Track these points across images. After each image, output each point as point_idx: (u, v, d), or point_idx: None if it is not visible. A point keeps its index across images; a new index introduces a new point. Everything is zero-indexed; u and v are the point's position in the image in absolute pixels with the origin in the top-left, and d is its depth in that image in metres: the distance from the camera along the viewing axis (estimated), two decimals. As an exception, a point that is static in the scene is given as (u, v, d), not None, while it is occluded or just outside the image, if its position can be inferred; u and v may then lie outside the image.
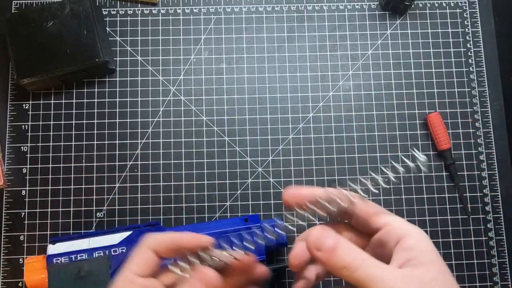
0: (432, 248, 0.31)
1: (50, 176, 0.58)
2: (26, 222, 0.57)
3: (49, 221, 0.57)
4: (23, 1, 0.62)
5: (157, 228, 0.52)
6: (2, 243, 0.57)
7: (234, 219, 0.53)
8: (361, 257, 0.30)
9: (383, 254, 0.32)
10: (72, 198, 0.58)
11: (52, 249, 0.50)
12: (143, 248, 0.35)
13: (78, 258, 0.49)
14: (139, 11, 0.62)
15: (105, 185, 0.58)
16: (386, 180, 0.34)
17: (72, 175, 0.58)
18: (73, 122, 0.59)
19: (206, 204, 0.58)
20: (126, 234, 0.51)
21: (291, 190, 0.35)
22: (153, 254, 0.35)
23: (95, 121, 0.60)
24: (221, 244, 0.51)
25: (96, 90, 0.60)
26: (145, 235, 0.36)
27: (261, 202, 0.58)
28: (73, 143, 0.59)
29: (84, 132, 0.59)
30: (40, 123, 0.59)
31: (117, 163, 0.59)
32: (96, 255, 0.50)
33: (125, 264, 0.35)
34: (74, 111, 0.60)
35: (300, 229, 0.35)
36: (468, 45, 0.62)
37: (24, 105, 0.60)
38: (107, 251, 0.50)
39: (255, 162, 0.59)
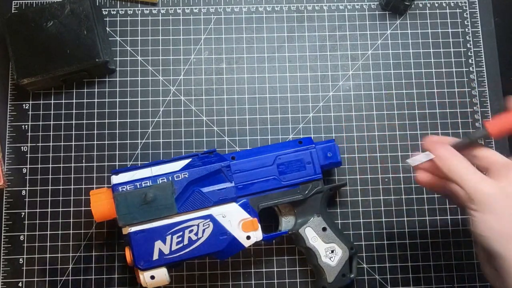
0: None
1: (50, 176, 0.58)
2: (26, 222, 0.57)
3: (49, 221, 0.57)
4: (23, 1, 0.62)
5: (214, 155, 0.53)
6: (2, 243, 0.57)
7: (288, 142, 0.55)
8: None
9: None
10: (72, 198, 0.58)
11: (116, 179, 0.51)
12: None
13: (143, 185, 0.50)
14: (139, 11, 0.62)
15: (105, 185, 0.58)
16: None
17: (72, 175, 0.58)
18: (73, 122, 0.59)
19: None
20: (186, 161, 0.52)
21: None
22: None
23: (95, 121, 0.60)
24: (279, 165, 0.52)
25: (96, 90, 0.60)
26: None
27: (261, 202, 0.58)
28: (73, 143, 0.59)
29: (84, 132, 0.59)
30: (40, 123, 0.59)
31: (117, 163, 0.59)
32: (160, 181, 0.50)
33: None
34: (74, 111, 0.60)
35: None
36: (468, 45, 0.62)
37: (24, 105, 0.60)
38: (170, 177, 0.51)
39: (255, 162, 0.59)
